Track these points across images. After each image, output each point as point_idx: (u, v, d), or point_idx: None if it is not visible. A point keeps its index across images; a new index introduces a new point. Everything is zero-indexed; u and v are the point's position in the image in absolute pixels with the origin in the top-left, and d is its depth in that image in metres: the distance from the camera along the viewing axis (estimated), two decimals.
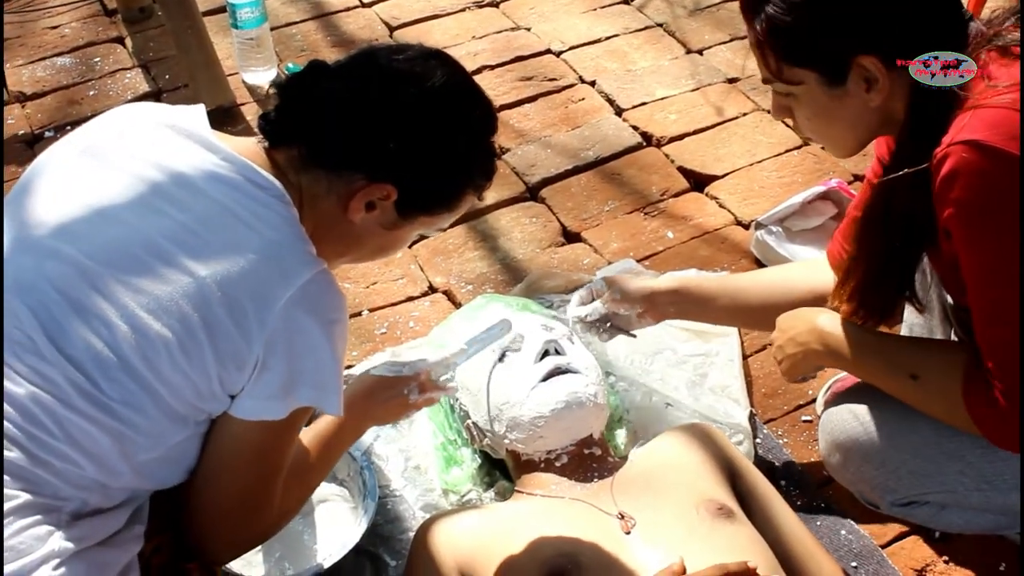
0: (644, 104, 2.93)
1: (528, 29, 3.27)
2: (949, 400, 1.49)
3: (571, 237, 2.53)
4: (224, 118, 2.84)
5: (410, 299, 2.37)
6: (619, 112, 2.92)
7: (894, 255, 1.55)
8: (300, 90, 1.43)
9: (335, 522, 1.84)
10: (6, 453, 1.24)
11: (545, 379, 1.76)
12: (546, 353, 1.80)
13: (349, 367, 2.12)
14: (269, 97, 1.46)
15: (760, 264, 2.39)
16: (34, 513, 1.24)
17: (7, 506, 1.22)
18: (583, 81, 3.05)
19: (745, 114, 2.88)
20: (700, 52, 3.16)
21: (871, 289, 1.58)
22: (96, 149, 1.39)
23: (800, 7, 1.42)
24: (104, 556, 1.30)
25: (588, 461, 1.75)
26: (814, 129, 1.58)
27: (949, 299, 1.67)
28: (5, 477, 1.24)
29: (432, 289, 2.40)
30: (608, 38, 3.22)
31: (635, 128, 2.84)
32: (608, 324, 1.94)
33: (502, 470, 1.92)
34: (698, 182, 2.68)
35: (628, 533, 1.56)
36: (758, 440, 2.00)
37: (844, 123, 1.52)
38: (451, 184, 1.48)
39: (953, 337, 1.72)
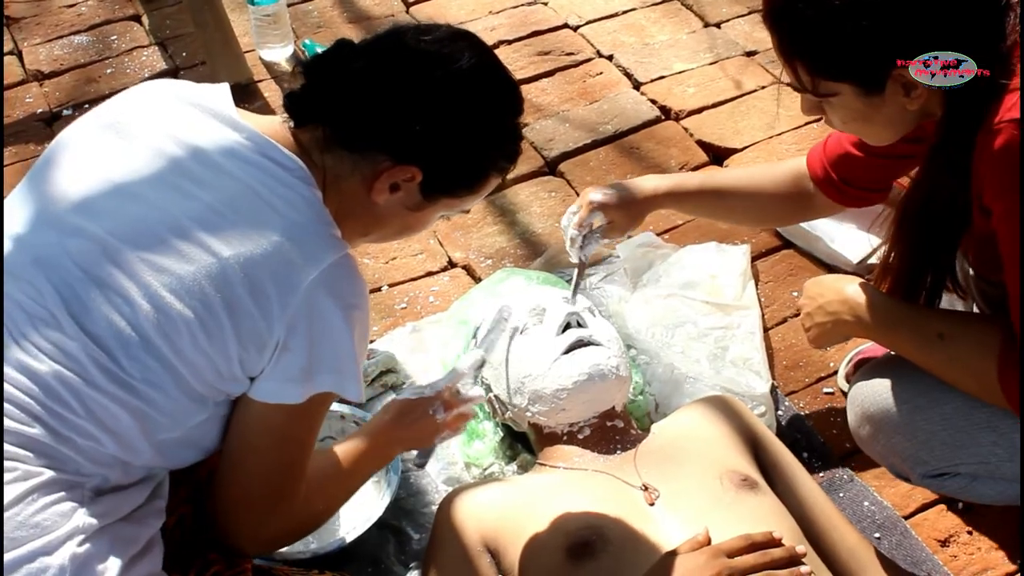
0: (662, 78, 2.92)
1: (545, 3, 3.25)
2: (982, 377, 1.48)
3: None
4: (241, 95, 2.82)
5: (430, 274, 2.37)
6: (637, 86, 2.90)
7: (935, 247, 1.55)
8: (326, 70, 1.41)
9: (358, 496, 1.84)
10: (29, 430, 1.25)
11: (567, 351, 1.76)
12: (568, 326, 1.80)
13: (370, 341, 2.13)
14: (294, 75, 1.45)
15: (781, 237, 2.39)
16: (58, 490, 1.25)
17: (30, 483, 1.23)
18: (600, 55, 3.03)
19: (764, 87, 2.86)
20: (718, 25, 3.14)
21: (913, 281, 1.58)
22: (120, 125, 1.39)
23: (834, 22, 1.37)
24: (127, 531, 1.31)
25: (610, 433, 1.75)
26: (849, 130, 1.56)
27: (971, 270, 1.67)
28: (28, 454, 1.25)
29: (451, 264, 2.40)
30: (625, 12, 3.20)
31: (653, 102, 2.83)
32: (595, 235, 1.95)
33: (524, 443, 1.93)
34: (717, 155, 2.67)
35: (652, 505, 1.56)
36: (780, 412, 2.00)
37: (881, 125, 1.51)
38: (476, 166, 1.46)
39: (975, 309, 1.72)
